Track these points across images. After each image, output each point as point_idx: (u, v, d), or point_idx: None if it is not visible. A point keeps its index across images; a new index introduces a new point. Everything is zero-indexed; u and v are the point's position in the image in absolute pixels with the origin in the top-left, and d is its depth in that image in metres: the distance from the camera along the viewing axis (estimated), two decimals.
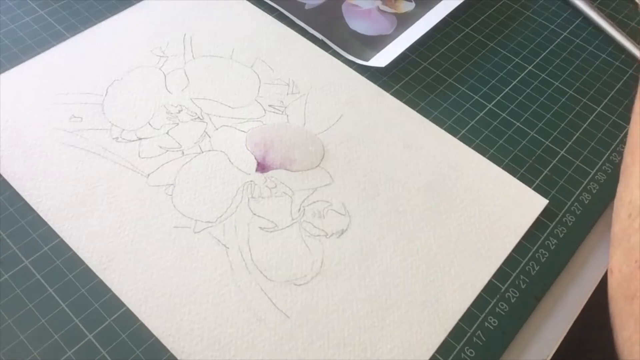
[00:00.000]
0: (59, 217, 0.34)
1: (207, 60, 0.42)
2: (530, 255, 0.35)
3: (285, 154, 0.37)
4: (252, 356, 0.30)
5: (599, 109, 0.44)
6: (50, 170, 0.35)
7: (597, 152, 0.41)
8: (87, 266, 0.32)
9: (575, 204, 0.38)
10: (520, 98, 0.44)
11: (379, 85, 0.42)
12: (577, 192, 0.39)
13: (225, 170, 0.36)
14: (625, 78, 0.46)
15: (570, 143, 0.41)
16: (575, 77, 0.46)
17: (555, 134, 0.42)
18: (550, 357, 0.32)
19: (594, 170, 0.40)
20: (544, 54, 0.47)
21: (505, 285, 0.34)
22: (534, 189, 0.38)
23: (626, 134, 0.42)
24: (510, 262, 0.35)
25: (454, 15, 0.48)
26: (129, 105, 0.39)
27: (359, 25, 0.47)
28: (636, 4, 0.51)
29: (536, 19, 0.50)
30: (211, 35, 0.44)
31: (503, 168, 0.39)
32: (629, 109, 0.44)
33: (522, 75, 0.45)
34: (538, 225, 0.36)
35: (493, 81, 0.44)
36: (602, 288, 0.36)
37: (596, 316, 0.32)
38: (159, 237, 0.33)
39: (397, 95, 0.42)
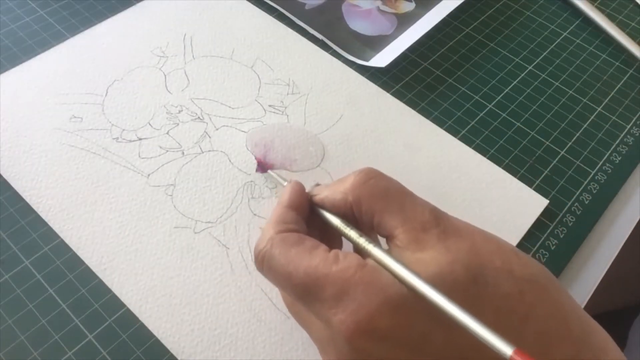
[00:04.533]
0: (59, 218, 0.34)
1: (207, 61, 0.42)
2: (530, 255, 0.35)
3: (285, 154, 0.37)
4: (252, 356, 0.30)
5: (599, 109, 0.44)
6: (51, 171, 0.35)
7: (597, 152, 0.41)
8: (87, 266, 0.32)
9: (576, 204, 0.38)
10: (520, 98, 0.44)
11: (379, 86, 0.42)
12: (578, 192, 0.39)
13: (225, 170, 0.36)
14: (625, 78, 0.46)
15: (570, 143, 0.41)
16: (575, 77, 0.46)
17: (555, 134, 0.42)
18: None
19: (594, 170, 0.40)
20: (544, 54, 0.47)
21: None
22: (534, 189, 0.38)
23: (626, 133, 0.42)
24: None
25: (454, 15, 0.48)
26: (129, 105, 0.39)
27: (359, 25, 0.47)
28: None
29: (536, 19, 0.50)
30: (211, 35, 0.44)
31: (503, 168, 0.39)
32: (629, 109, 0.44)
33: (522, 75, 0.45)
34: (538, 226, 0.36)
35: (493, 81, 0.44)
36: (602, 288, 0.36)
37: (597, 316, 0.32)
38: (159, 237, 0.33)
39: (397, 95, 0.42)
